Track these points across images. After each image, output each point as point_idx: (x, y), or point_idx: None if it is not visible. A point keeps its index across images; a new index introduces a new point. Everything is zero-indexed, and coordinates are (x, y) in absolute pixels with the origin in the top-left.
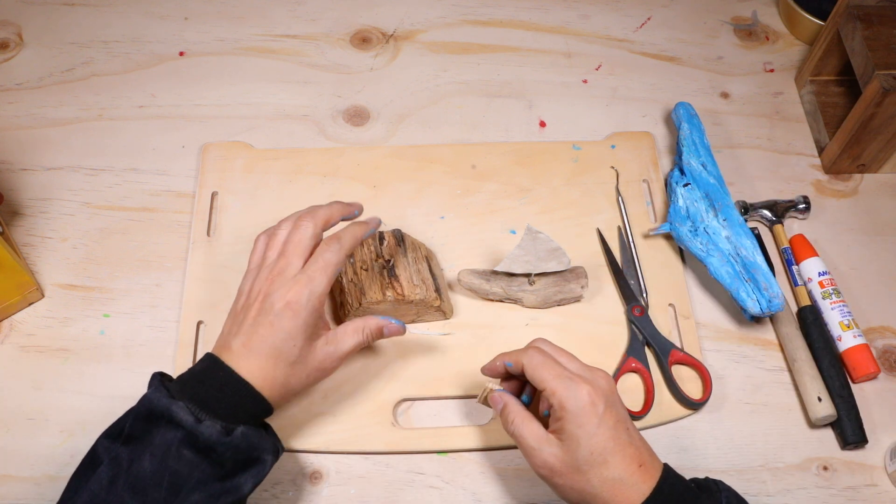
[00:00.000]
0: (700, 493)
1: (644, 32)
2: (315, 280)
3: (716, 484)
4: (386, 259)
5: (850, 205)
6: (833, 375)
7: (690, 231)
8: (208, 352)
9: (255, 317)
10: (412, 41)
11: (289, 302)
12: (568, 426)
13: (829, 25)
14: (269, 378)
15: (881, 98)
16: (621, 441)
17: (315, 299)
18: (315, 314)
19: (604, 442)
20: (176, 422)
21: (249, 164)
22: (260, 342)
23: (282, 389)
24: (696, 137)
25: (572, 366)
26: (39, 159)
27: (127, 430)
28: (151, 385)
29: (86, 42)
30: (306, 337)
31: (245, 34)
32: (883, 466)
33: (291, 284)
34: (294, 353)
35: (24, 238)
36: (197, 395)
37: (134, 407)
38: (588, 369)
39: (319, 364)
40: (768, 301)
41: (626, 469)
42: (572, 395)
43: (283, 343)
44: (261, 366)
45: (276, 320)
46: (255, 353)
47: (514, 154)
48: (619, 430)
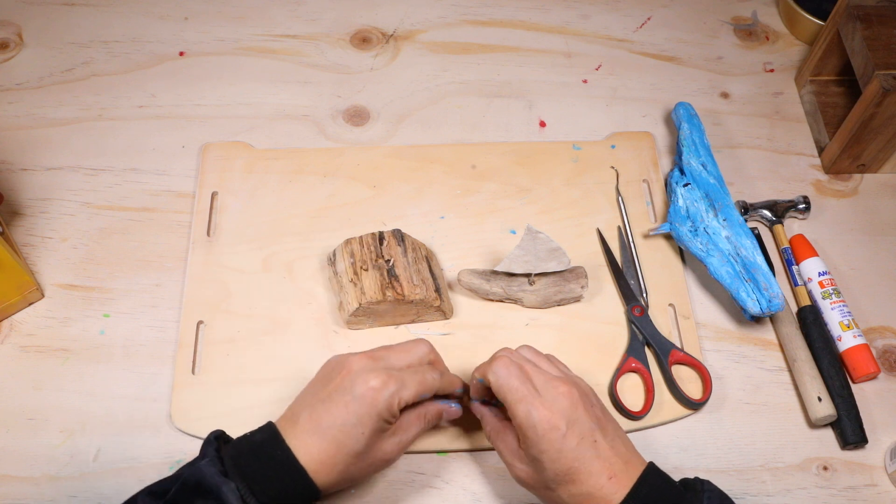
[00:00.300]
0: (683, 492)
1: (644, 32)
2: (406, 385)
3: (701, 484)
4: (386, 259)
5: (850, 205)
6: (833, 375)
7: (690, 231)
8: (271, 421)
9: (331, 392)
10: (412, 41)
11: (372, 387)
12: (531, 450)
13: (829, 25)
14: (329, 463)
15: (881, 98)
16: (586, 458)
17: (397, 399)
18: (390, 412)
19: (568, 463)
20: (221, 502)
21: (249, 164)
22: (329, 420)
23: (339, 477)
24: (696, 137)
25: (539, 379)
26: (39, 159)
27: (171, 495)
28: (206, 452)
29: (86, 42)
30: (374, 430)
31: (245, 34)
32: (883, 466)
33: (381, 374)
34: (360, 442)
35: (24, 238)
36: (248, 472)
37: (184, 472)
38: (552, 383)
39: (384, 455)
40: (768, 301)
41: (595, 484)
42: (532, 423)
43: (352, 428)
44: (323, 448)
45: (353, 403)
46: (321, 434)
47: (514, 154)
48: (582, 448)
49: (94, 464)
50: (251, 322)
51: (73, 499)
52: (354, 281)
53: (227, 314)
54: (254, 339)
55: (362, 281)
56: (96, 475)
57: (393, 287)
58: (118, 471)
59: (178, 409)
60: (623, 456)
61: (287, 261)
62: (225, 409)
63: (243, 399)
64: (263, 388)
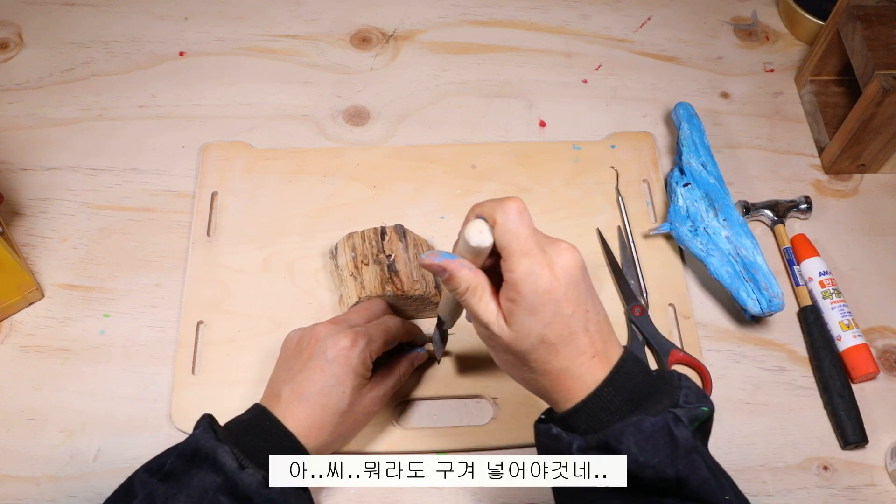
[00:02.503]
0: (658, 383)
1: (644, 32)
2: (373, 337)
3: (679, 379)
4: (387, 254)
5: (850, 205)
6: (833, 375)
7: (690, 231)
8: (257, 402)
9: (305, 361)
10: (412, 41)
11: (342, 348)
12: (520, 312)
13: (829, 25)
14: (317, 426)
15: (881, 98)
16: (577, 330)
17: (368, 353)
18: (365, 366)
19: (558, 330)
20: (219, 465)
21: (249, 164)
22: (310, 387)
23: (329, 437)
24: (696, 137)
25: (542, 236)
26: (39, 159)
27: (168, 466)
28: (199, 426)
29: (86, 42)
30: (354, 387)
31: (245, 34)
32: (883, 466)
33: (348, 333)
34: (343, 401)
35: (24, 238)
36: (242, 442)
37: (179, 444)
38: (556, 243)
39: (365, 409)
40: (768, 301)
41: (575, 360)
42: (534, 280)
43: (332, 389)
44: (308, 413)
45: (328, 366)
46: (305, 400)
47: (514, 154)
48: (576, 318)
49: (94, 464)
50: (251, 322)
51: (73, 499)
52: (355, 275)
53: (227, 314)
54: (254, 339)
55: (363, 275)
56: (96, 475)
57: (393, 282)
58: (118, 471)
59: (178, 409)
60: (605, 335)
61: (287, 261)
62: (225, 409)
63: (243, 399)
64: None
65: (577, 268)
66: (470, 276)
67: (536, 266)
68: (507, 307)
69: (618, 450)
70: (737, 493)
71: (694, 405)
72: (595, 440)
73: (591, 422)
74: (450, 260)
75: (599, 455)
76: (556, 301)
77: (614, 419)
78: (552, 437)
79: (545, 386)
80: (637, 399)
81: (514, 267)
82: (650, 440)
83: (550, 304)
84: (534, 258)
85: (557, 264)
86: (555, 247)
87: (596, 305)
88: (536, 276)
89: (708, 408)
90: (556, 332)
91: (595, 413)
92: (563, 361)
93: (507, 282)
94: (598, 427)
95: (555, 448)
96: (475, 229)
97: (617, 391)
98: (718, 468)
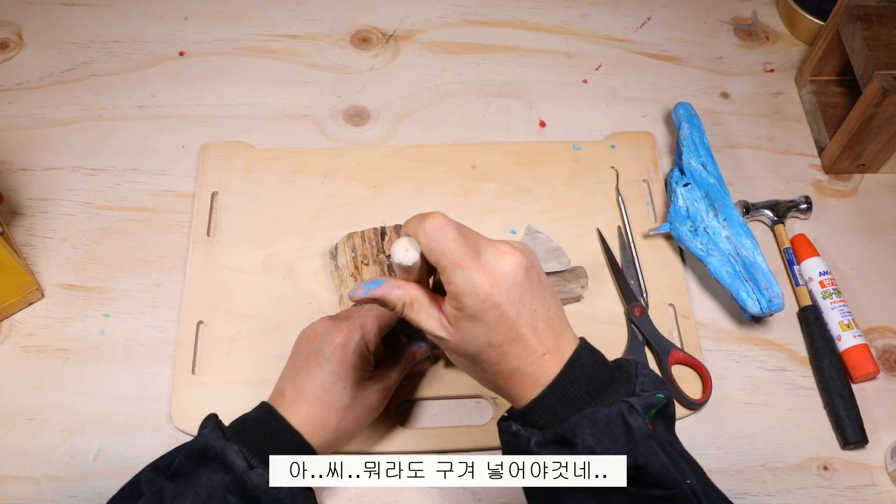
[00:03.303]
0: (615, 373)
1: (644, 32)
2: (367, 326)
3: (635, 367)
4: (387, 254)
5: (851, 205)
6: (833, 375)
7: (690, 231)
8: (264, 400)
9: (305, 359)
10: (412, 41)
11: (337, 345)
12: (463, 320)
13: (829, 25)
14: (321, 423)
15: (881, 98)
16: (523, 331)
17: (364, 345)
18: (363, 359)
19: (504, 333)
20: (228, 465)
21: (249, 164)
22: (311, 385)
23: (334, 434)
24: (696, 137)
25: (478, 241)
26: (39, 159)
27: (175, 465)
28: (206, 426)
29: (86, 42)
30: (355, 381)
31: (245, 34)
32: (883, 466)
33: (342, 328)
34: (345, 397)
35: (24, 238)
36: (250, 441)
37: (186, 443)
38: (493, 245)
39: (370, 404)
40: (768, 301)
41: (526, 359)
42: (473, 289)
43: (332, 386)
44: (311, 411)
45: (326, 363)
46: (306, 398)
47: (514, 154)
48: (520, 320)
49: (94, 464)
50: (251, 322)
51: (73, 499)
52: (355, 275)
53: (227, 314)
54: (254, 339)
55: (362, 275)
56: (96, 475)
57: None
58: (118, 471)
59: (178, 409)
60: (556, 331)
61: (287, 261)
62: (225, 409)
63: (243, 399)
64: (263, 388)
65: (520, 269)
66: (401, 294)
67: (473, 275)
68: (452, 314)
69: (573, 443)
70: (700, 476)
71: (650, 393)
72: (552, 434)
73: (548, 416)
74: (374, 289)
75: (557, 449)
76: (497, 306)
77: (571, 412)
78: (512, 434)
79: (500, 385)
80: (593, 391)
81: (451, 280)
82: (605, 431)
83: (492, 310)
84: (467, 268)
85: (497, 269)
86: (494, 250)
87: (546, 302)
88: (474, 284)
89: (664, 394)
90: (502, 335)
91: (551, 407)
92: (513, 361)
93: (448, 293)
94: (556, 421)
95: (514, 445)
96: (401, 247)
97: (572, 384)
98: (681, 453)
